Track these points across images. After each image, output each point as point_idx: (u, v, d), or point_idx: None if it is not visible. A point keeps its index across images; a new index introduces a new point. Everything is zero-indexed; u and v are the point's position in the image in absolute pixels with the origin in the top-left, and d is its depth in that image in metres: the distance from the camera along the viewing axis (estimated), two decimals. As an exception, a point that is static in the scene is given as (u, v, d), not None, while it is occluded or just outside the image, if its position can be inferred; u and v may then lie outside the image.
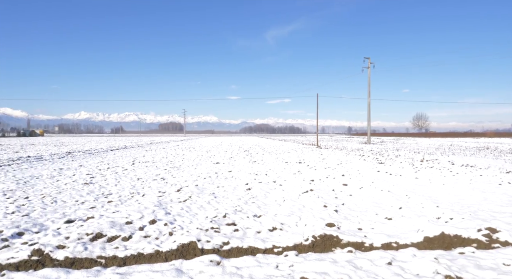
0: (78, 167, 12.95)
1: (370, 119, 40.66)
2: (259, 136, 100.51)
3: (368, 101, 40.00)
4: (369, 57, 40.01)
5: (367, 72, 39.98)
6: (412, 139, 63.02)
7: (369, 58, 40.02)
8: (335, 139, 63.66)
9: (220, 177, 10.23)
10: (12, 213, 5.76)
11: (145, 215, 5.60)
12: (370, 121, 40.81)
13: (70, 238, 4.46)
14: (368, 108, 40.19)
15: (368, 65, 40.00)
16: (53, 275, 3.42)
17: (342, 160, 15.91)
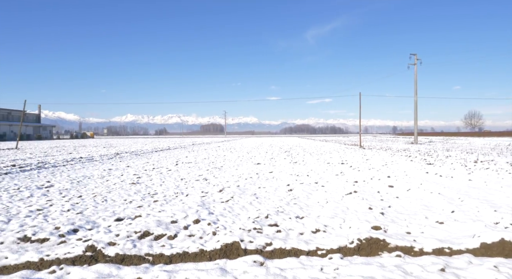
0: (126, 168, 13.55)
1: (417, 118, 38.92)
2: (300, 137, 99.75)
3: (415, 99, 38.32)
4: (415, 53, 38.36)
5: (414, 69, 38.33)
6: (464, 139, 59.51)
7: (416, 55, 38.35)
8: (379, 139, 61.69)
9: (261, 177, 10.25)
10: (68, 211, 6.12)
11: (189, 214, 5.73)
12: (417, 120, 39.06)
13: (120, 236, 4.66)
14: (415, 106, 38.51)
15: (414, 61, 38.35)
16: (106, 271, 3.58)
17: (387, 161, 15.36)
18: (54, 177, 10.66)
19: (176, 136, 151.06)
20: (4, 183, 9.50)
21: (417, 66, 38.13)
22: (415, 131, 40.03)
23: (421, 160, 15.87)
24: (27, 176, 11.12)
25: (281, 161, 16.14)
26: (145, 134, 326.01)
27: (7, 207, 6.42)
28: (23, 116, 37.08)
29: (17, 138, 44.18)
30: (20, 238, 4.50)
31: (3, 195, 7.62)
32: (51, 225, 5.10)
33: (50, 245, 4.37)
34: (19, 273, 3.48)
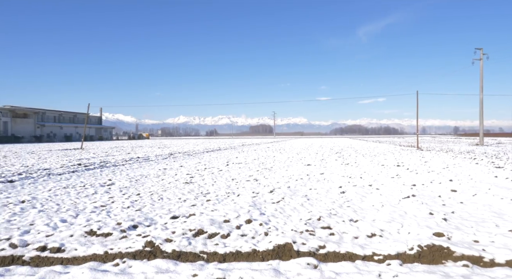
0: (179, 167, 14.06)
1: (483, 118, 35.97)
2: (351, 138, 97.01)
3: (480, 97, 35.52)
4: (481, 48, 35.56)
5: (479, 65, 35.55)
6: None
7: (481, 49, 35.56)
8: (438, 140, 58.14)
9: (312, 179, 10.10)
10: (127, 208, 6.46)
11: (241, 214, 5.78)
12: (483, 120, 36.09)
13: (176, 233, 4.81)
14: (480, 105, 35.69)
15: (480, 56, 35.58)
16: (164, 266, 3.72)
17: (449, 163, 14.39)
18: (115, 176, 11.35)
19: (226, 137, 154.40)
20: (72, 180, 10.29)
21: (483, 61, 35.36)
22: (481, 132, 36.99)
23: (488, 162, 14.67)
24: (91, 174, 11.95)
25: (332, 162, 15.79)
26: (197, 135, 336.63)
27: (75, 202, 6.93)
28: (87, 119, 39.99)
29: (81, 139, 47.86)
30: (87, 232, 4.83)
31: (71, 191, 8.25)
32: (113, 221, 5.41)
33: (113, 239, 4.63)
34: (87, 264, 3.73)
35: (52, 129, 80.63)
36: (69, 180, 10.42)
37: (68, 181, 10.08)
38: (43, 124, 77.75)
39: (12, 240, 4.40)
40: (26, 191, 8.33)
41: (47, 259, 3.94)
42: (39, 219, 5.56)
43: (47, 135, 77.86)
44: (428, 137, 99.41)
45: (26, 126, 73.50)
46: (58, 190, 8.42)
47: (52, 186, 9.17)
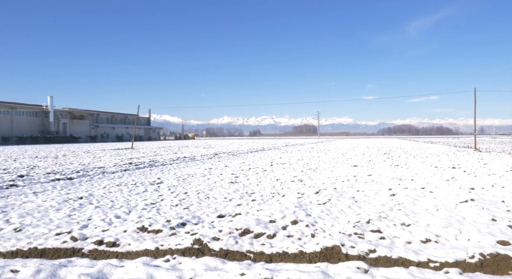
0: (224, 167, 14.28)
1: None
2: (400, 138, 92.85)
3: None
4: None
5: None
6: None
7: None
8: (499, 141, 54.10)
9: (359, 180, 9.79)
10: (176, 206, 6.66)
11: (287, 215, 5.73)
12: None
13: (223, 232, 4.87)
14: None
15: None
16: (212, 264, 3.77)
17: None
18: (163, 174, 11.77)
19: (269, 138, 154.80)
20: (124, 178, 10.82)
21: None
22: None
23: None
24: (141, 172, 12.49)
25: (381, 163, 15.23)
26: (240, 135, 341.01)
27: (127, 199, 7.27)
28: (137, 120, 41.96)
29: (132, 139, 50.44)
30: (139, 228, 5.03)
31: (123, 189, 8.67)
32: (163, 218, 5.60)
33: (163, 236, 4.79)
34: (140, 259, 3.88)
35: (105, 130, 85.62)
36: (121, 178, 10.97)
37: (121, 179, 10.61)
38: (97, 125, 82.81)
39: (73, 234, 4.69)
40: (84, 188, 8.88)
41: (104, 253, 4.15)
42: (96, 214, 5.89)
43: (101, 135, 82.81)
44: (487, 137, 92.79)
45: (82, 127, 78.70)
46: (112, 188, 8.88)
47: (106, 183, 9.70)
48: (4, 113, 63.18)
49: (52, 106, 69.91)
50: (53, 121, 70.23)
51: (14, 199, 7.45)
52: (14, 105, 64.95)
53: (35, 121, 69.44)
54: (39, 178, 10.72)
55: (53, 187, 9.03)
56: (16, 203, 6.95)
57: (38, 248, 4.21)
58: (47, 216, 5.80)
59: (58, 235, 4.72)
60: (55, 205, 6.74)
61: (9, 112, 63.92)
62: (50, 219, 5.61)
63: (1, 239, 4.55)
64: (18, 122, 65.34)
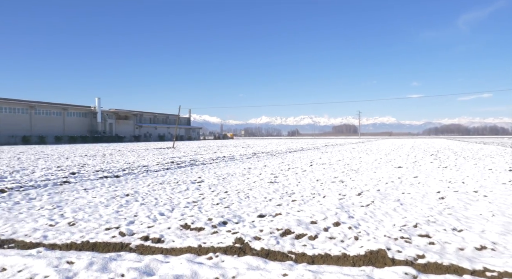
0: (263, 167, 14.30)
1: None
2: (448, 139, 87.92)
3: None
4: None
5: None
6: None
7: None
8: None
9: (405, 182, 9.40)
10: (217, 204, 6.75)
11: (328, 216, 5.62)
12: None
13: (264, 231, 4.87)
14: None
15: None
16: (254, 263, 3.77)
17: None
18: (204, 173, 12.00)
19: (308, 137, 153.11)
20: (166, 177, 11.15)
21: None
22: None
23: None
24: (183, 171, 12.82)
25: (427, 165, 14.53)
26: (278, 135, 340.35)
27: (170, 197, 7.48)
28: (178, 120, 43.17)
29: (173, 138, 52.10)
30: (182, 226, 5.15)
31: (166, 187, 8.93)
32: (204, 216, 5.69)
33: (205, 234, 4.86)
34: (184, 256, 3.97)
35: (148, 129, 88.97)
36: (164, 176, 11.32)
37: (164, 177, 10.95)
38: (140, 125, 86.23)
39: (121, 229, 4.90)
40: (129, 186, 9.26)
41: (149, 248, 4.29)
42: (141, 211, 6.11)
43: (144, 135, 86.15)
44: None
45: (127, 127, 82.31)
46: (156, 186, 9.18)
47: (150, 181, 10.05)
48: (57, 114, 67.55)
49: (100, 107, 73.75)
50: (101, 122, 74.07)
51: (67, 194, 7.92)
52: (66, 106, 69.26)
53: (84, 121, 73.60)
54: (89, 175, 11.33)
55: (101, 184, 9.50)
56: (69, 199, 7.38)
57: (90, 242, 4.43)
58: (97, 212, 6.10)
59: (107, 230, 4.95)
60: (104, 201, 7.08)
61: (61, 113, 68.26)
62: (100, 214, 5.90)
63: (57, 232, 4.85)
64: (69, 122, 69.59)
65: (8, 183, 9.50)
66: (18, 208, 6.53)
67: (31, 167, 14.20)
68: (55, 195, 7.84)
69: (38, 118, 63.45)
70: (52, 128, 65.17)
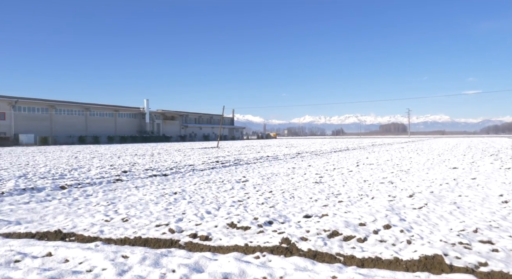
0: (307, 167, 14.12)
1: None
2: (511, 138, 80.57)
3: None
4: None
5: None
6: None
7: None
8: None
9: (461, 184, 8.82)
10: (262, 204, 6.75)
11: (378, 218, 5.41)
12: None
13: (310, 232, 4.78)
14: None
15: None
16: (302, 264, 3.71)
17: None
18: (248, 173, 12.09)
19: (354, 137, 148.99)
20: (212, 176, 11.37)
21: None
22: None
23: None
24: (228, 171, 13.01)
25: (487, 165, 13.54)
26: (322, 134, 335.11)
27: (216, 196, 7.61)
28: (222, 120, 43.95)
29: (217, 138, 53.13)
30: (229, 224, 5.20)
31: (212, 186, 9.10)
32: (250, 215, 5.71)
33: (251, 233, 4.88)
34: (231, 254, 4.00)
35: (193, 129, 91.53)
36: (209, 175, 11.55)
37: (209, 176, 11.17)
38: (186, 125, 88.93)
39: (170, 226, 5.05)
40: (177, 184, 9.55)
41: (198, 246, 4.38)
42: (189, 209, 6.27)
43: (189, 135, 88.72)
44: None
45: (173, 127, 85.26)
46: (202, 184, 9.39)
47: (196, 180, 10.30)
48: (109, 115, 71.54)
49: (148, 108, 77.05)
50: (149, 122, 77.37)
51: (120, 192, 8.34)
52: (117, 108, 73.14)
53: (134, 122, 77.29)
54: (139, 174, 11.85)
55: (151, 182, 9.90)
56: (122, 196, 7.76)
57: (142, 238, 4.61)
58: (148, 209, 6.35)
59: (157, 227, 5.13)
60: (153, 199, 7.35)
61: (113, 115, 72.20)
62: (150, 211, 6.13)
63: (112, 227, 5.10)
64: (120, 123, 73.44)
65: (68, 180, 10.19)
66: (77, 203, 6.98)
67: (87, 165, 15.14)
68: (109, 192, 8.29)
69: (93, 120, 67.60)
70: (105, 129, 69.13)
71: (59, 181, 9.97)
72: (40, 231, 4.92)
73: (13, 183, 9.42)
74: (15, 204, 6.95)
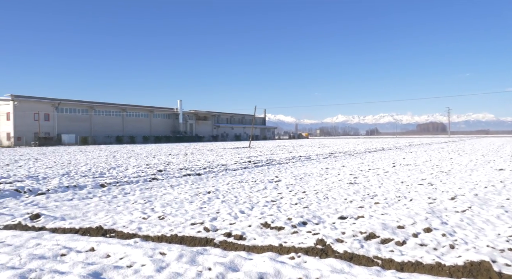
0: (341, 167, 13.86)
1: None
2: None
3: None
4: None
5: None
6: None
7: None
8: None
9: (509, 187, 8.27)
10: (295, 204, 6.69)
11: (417, 221, 5.20)
12: None
13: (346, 234, 4.67)
14: None
15: None
16: (338, 266, 3.63)
17: None
18: (280, 173, 12.04)
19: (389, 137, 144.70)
20: (244, 176, 11.42)
21: None
22: None
23: None
24: (260, 170, 13.02)
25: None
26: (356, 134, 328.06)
27: (249, 196, 7.63)
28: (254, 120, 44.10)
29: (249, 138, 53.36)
30: (262, 224, 5.19)
31: (245, 186, 9.14)
32: (284, 216, 5.67)
33: (285, 233, 4.84)
34: (266, 254, 3.99)
35: (225, 130, 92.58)
36: (242, 175, 11.61)
37: (242, 176, 11.23)
38: (218, 125, 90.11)
39: (205, 225, 5.11)
40: (210, 183, 9.68)
41: (232, 245, 4.40)
42: (223, 208, 6.32)
43: (221, 135, 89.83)
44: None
45: (205, 127, 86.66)
46: (235, 184, 9.46)
47: (229, 180, 10.39)
48: (145, 116, 73.86)
49: (181, 109, 78.79)
50: (182, 122, 79.10)
51: (156, 190, 8.57)
52: (152, 109, 75.36)
53: (168, 122, 79.30)
54: (173, 173, 12.12)
55: (185, 182, 10.09)
56: (157, 194, 7.97)
57: (178, 235, 4.70)
58: (183, 207, 6.47)
59: (193, 225, 5.21)
60: (188, 197, 7.49)
61: (148, 115, 74.46)
62: (186, 210, 6.25)
63: (149, 224, 5.24)
64: (155, 123, 75.60)
65: (107, 178, 10.61)
66: (116, 201, 7.24)
67: (124, 164, 15.69)
68: (145, 191, 8.53)
69: (129, 120, 70.05)
70: (140, 129, 71.46)
71: (99, 179, 10.40)
72: (83, 227, 5.14)
73: (57, 180, 9.92)
74: (59, 201, 7.31)
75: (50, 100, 57.51)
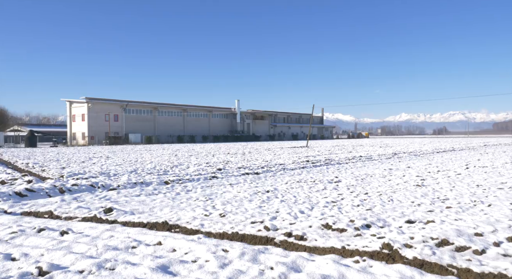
0: (406, 168, 13.11)
1: None
2: None
3: None
4: None
5: None
6: None
7: None
8: None
9: None
10: (357, 206, 6.43)
11: (499, 229, 4.70)
12: None
13: (415, 239, 4.37)
14: None
15: None
16: (407, 273, 3.40)
17: None
18: (340, 173, 11.70)
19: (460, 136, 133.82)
20: (303, 175, 11.28)
21: None
22: None
23: None
24: (318, 170, 12.77)
25: None
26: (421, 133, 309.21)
27: (308, 196, 7.50)
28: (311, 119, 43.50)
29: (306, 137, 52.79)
30: (323, 225, 5.06)
31: (303, 185, 9.01)
32: (346, 217, 5.47)
33: (348, 235, 4.66)
34: (328, 256, 3.86)
35: (282, 129, 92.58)
36: (300, 175, 11.48)
37: (300, 176, 11.10)
38: (275, 125, 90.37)
39: (265, 224, 5.11)
40: (269, 183, 9.69)
41: (293, 245, 4.34)
42: (282, 208, 6.28)
43: (278, 134, 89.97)
44: None
45: (262, 127, 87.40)
46: (293, 184, 9.37)
47: (287, 179, 10.32)
48: (204, 116, 76.51)
49: (239, 108, 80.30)
50: (240, 122, 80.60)
51: (216, 188, 8.78)
52: (211, 109, 77.82)
53: (226, 122, 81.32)
54: (232, 172, 12.35)
55: (244, 180, 10.22)
56: (218, 192, 8.16)
57: (239, 233, 4.75)
58: (242, 206, 6.54)
59: (253, 224, 5.23)
60: (247, 196, 7.56)
61: (207, 115, 77.01)
62: (245, 208, 6.31)
63: (211, 221, 5.37)
64: (213, 123, 78.00)
65: (170, 176, 11.11)
66: (179, 198, 7.54)
67: (186, 162, 16.35)
68: (206, 188, 8.79)
69: (189, 120, 73.07)
70: (200, 129, 74.17)
71: (163, 176, 10.94)
72: (150, 222, 5.42)
73: (126, 177, 10.62)
74: (128, 196, 7.81)
75: (119, 102, 62.03)
